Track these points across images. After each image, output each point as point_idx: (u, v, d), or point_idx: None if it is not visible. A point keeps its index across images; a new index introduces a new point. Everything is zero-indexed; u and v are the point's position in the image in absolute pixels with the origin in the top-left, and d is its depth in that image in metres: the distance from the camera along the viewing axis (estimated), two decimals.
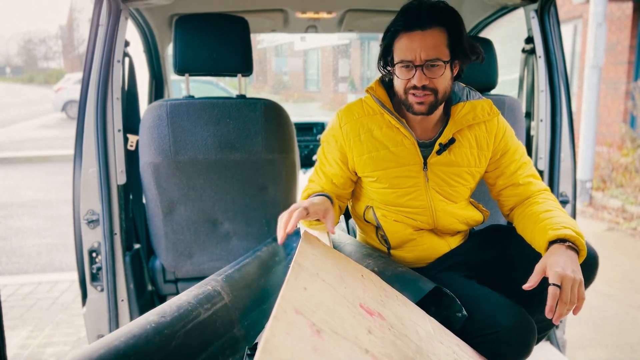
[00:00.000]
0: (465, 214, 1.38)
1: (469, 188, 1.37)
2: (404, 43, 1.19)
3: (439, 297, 1.23)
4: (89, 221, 1.64)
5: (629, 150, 5.98)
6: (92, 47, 1.64)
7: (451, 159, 1.31)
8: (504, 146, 1.36)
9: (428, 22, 1.17)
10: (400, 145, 1.30)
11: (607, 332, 2.67)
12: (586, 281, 1.26)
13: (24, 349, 2.49)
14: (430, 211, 1.34)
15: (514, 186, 1.35)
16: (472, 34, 2.48)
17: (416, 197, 1.33)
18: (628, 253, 4.01)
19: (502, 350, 1.15)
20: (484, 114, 1.32)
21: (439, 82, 1.21)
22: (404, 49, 1.19)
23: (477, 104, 1.33)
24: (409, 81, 1.21)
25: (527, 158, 1.39)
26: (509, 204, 1.38)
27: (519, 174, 1.35)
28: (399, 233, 1.38)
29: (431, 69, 1.19)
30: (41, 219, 5.12)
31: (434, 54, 1.18)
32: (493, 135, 1.35)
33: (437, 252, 1.40)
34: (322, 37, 13.42)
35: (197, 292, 1.36)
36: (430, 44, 1.17)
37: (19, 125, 13.36)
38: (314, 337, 0.69)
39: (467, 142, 1.32)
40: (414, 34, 1.17)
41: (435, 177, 1.32)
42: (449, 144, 1.30)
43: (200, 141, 1.71)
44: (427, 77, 1.19)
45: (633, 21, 6.81)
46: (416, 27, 1.17)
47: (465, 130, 1.32)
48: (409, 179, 1.32)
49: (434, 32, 1.18)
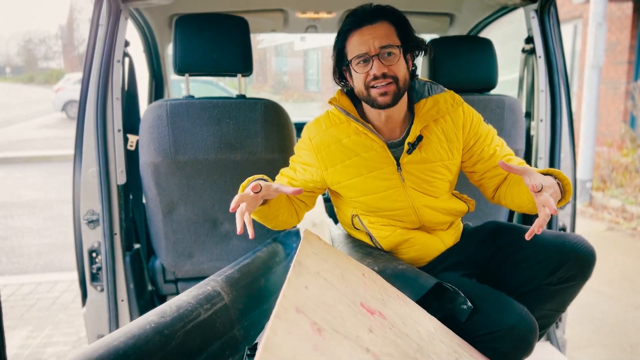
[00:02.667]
0: (447, 206, 1.38)
1: (447, 181, 1.37)
2: (356, 39, 1.23)
3: (441, 293, 1.23)
4: (89, 221, 1.64)
5: (629, 150, 5.98)
6: (92, 47, 1.64)
7: (423, 156, 1.32)
8: (474, 134, 1.37)
9: (375, 17, 1.23)
10: (370, 150, 1.31)
11: (607, 332, 2.67)
12: (583, 278, 1.27)
13: (24, 349, 2.49)
14: (412, 209, 1.35)
15: (494, 168, 1.37)
16: (472, 34, 2.48)
17: (395, 198, 1.33)
18: (628, 253, 4.01)
19: (503, 348, 1.15)
20: (447, 106, 1.34)
21: (397, 68, 1.23)
22: (357, 44, 1.23)
23: (439, 97, 1.34)
24: (367, 74, 1.23)
25: (500, 140, 1.41)
26: (492, 185, 1.39)
27: (497, 156, 1.37)
28: (389, 237, 1.38)
29: (387, 57, 1.22)
30: (41, 219, 5.12)
31: (387, 41, 1.22)
32: (460, 126, 1.35)
33: (432, 250, 1.40)
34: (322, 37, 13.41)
35: (197, 292, 1.36)
36: (381, 33, 1.22)
37: (19, 125, 13.36)
38: (315, 335, 0.69)
39: (435, 136, 1.33)
40: (364, 29, 1.22)
41: (410, 176, 1.32)
42: (418, 141, 1.31)
43: (200, 141, 1.71)
44: (385, 65, 1.22)
45: (633, 21, 6.81)
46: (365, 23, 1.22)
47: (431, 125, 1.33)
48: (385, 182, 1.32)
49: (383, 24, 1.23)
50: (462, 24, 2.50)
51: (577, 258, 1.24)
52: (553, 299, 1.31)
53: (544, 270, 1.26)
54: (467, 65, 1.84)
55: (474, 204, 1.47)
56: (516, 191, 1.29)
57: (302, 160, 1.37)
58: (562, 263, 1.24)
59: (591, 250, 1.25)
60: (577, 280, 1.27)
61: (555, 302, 1.32)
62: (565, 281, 1.27)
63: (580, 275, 1.26)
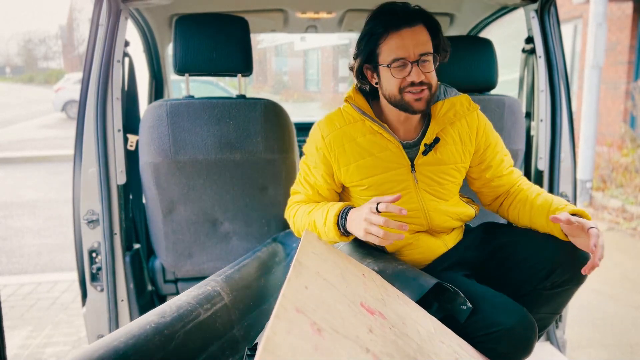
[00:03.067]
0: (457, 210, 1.38)
1: (457, 184, 1.38)
2: (395, 42, 1.19)
3: (441, 293, 1.23)
4: (89, 221, 1.64)
5: (629, 150, 5.98)
6: (92, 47, 1.64)
7: (438, 157, 1.32)
8: (486, 140, 1.38)
9: (413, 19, 1.20)
10: (385, 150, 1.30)
11: (607, 332, 2.67)
12: (578, 281, 1.27)
13: (24, 349, 2.49)
14: (423, 212, 1.34)
15: (499, 178, 1.40)
16: (472, 34, 2.48)
17: (407, 200, 1.32)
18: (628, 253, 4.01)
19: (503, 349, 1.15)
20: (464, 110, 1.34)
21: (432, 76, 1.23)
22: (396, 48, 1.20)
23: (455, 100, 1.35)
24: (404, 80, 1.21)
25: (506, 150, 1.44)
26: (494, 195, 1.43)
27: (503, 166, 1.40)
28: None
29: (424, 64, 1.21)
30: (41, 219, 5.11)
31: (426, 48, 1.20)
32: (475, 129, 1.37)
33: (434, 253, 1.39)
34: (322, 37, 13.42)
35: (197, 292, 1.36)
36: (420, 39, 1.20)
37: (19, 125, 13.36)
38: (315, 336, 0.69)
39: (451, 139, 1.33)
40: (403, 31, 1.19)
41: (424, 178, 1.32)
42: (434, 143, 1.31)
43: (200, 141, 1.71)
44: (423, 72, 1.21)
45: (633, 21, 6.81)
46: (404, 25, 1.19)
47: (448, 128, 1.33)
48: (399, 183, 1.31)
49: (421, 29, 1.21)
50: (462, 24, 2.50)
51: (571, 261, 1.23)
52: (549, 303, 1.31)
53: (538, 274, 1.26)
54: (467, 65, 1.84)
55: (479, 208, 1.48)
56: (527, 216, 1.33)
57: (313, 164, 1.36)
58: (555, 266, 1.24)
59: (585, 253, 1.24)
60: (571, 285, 1.27)
61: (551, 305, 1.32)
62: (559, 285, 1.27)
63: (575, 279, 1.26)
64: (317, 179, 1.37)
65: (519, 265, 1.30)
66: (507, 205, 1.41)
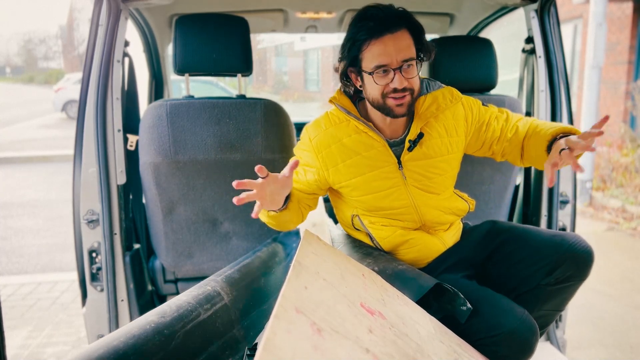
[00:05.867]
0: (449, 204, 1.39)
1: (448, 177, 1.38)
2: (377, 49, 1.19)
3: (441, 293, 1.23)
4: (89, 221, 1.64)
5: (629, 150, 5.98)
6: (92, 47, 1.64)
7: (424, 152, 1.32)
8: (477, 121, 1.38)
9: (395, 25, 1.19)
10: (371, 149, 1.31)
11: (607, 332, 2.67)
12: (581, 278, 1.27)
13: (24, 349, 2.49)
14: (413, 208, 1.35)
15: (509, 142, 1.38)
16: (472, 34, 2.48)
17: (397, 197, 1.33)
18: (628, 253, 4.01)
19: (504, 352, 1.15)
20: (446, 102, 1.34)
21: (415, 81, 1.23)
22: (378, 55, 1.19)
23: (438, 94, 1.35)
24: (387, 86, 1.21)
25: (504, 114, 1.42)
26: (517, 154, 1.40)
27: (509, 129, 1.38)
28: (389, 237, 1.38)
29: (407, 70, 1.21)
30: (41, 219, 5.11)
31: (409, 54, 1.20)
32: (462, 119, 1.36)
33: (432, 252, 1.40)
34: (322, 37, 13.41)
35: (197, 292, 1.36)
36: (403, 45, 1.19)
37: (19, 125, 13.35)
38: (315, 336, 0.69)
39: (436, 132, 1.33)
40: (385, 38, 1.18)
41: (412, 174, 1.32)
42: (418, 139, 1.31)
43: (200, 141, 1.71)
44: (405, 78, 1.20)
45: (633, 21, 6.81)
46: (386, 32, 1.18)
47: (432, 122, 1.33)
48: (387, 181, 1.32)
49: (404, 33, 1.20)
50: (462, 24, 2.50)
51: (574, 258, 1.24)
52: (551, 299, 1.31)
53: (541, 270, 1.26)
54: (467, 65, 1.84)
55: (474, 203, 1.47)
56: (532, 148, 1.32)
57: (304, 162, 1.36)
58: (559, 263, 1.24)
59: (588, 249, 1.25)
60: (575, 280, 1.27)
61: (553, 302, 1.32)
62: (563, 281, 1.27)
63: (578, 276, 1.26)
64: (302, 175, 1.37)
65: (522, 262, 1.30)
66: (527, 150, 1.37)
